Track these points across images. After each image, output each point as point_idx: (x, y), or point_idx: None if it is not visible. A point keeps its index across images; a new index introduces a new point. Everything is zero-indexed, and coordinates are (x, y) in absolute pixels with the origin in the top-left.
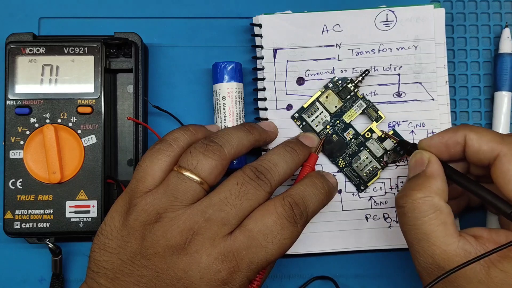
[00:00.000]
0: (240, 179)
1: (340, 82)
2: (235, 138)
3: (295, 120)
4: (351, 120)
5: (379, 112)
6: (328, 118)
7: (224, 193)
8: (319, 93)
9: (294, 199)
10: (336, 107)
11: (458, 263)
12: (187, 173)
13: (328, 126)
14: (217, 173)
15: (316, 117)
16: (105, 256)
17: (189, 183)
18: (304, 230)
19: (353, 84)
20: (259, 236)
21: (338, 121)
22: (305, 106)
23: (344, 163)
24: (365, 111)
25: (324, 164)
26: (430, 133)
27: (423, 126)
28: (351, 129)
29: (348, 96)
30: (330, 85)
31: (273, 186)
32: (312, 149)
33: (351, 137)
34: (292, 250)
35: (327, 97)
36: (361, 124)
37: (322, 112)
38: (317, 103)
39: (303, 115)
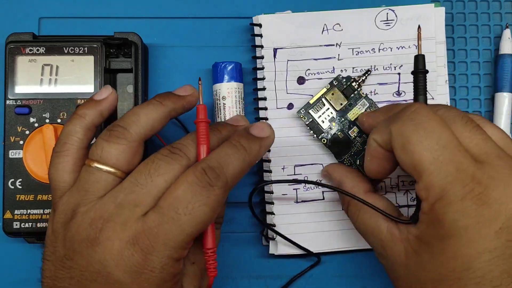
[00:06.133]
0: (151, 158)
1: (344, 80)
2: (142, 116)
3: (301, 116)
4: (355, 118)
5: None
6: (334, 115)
7: (134, 174)
8: (325, 89)
9: (207, 163)
10: (341, 104)
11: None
12: (94, 164)
13: (333, 123)
14: (127, 157)
15: (322, 113)
16: (45, 265)
17: (98, 174)
18: (303, 230)
19: (357, 83)
20: (169, 210)
21: (343, 118)
22: (311, 102)
23: (350, 161)
24: (368, 109)
25: (330, 162)
26: None
27: None
28: (355, 127)
29: (352, 95)
30: (335, 82)
31: (191, 158)
32: (195, 101)
33: (355, 135)
34: (292, 250)
35: (333, 94)
36: None
37: (328, 108)
38: (323, 99)
39: (310, 111)
